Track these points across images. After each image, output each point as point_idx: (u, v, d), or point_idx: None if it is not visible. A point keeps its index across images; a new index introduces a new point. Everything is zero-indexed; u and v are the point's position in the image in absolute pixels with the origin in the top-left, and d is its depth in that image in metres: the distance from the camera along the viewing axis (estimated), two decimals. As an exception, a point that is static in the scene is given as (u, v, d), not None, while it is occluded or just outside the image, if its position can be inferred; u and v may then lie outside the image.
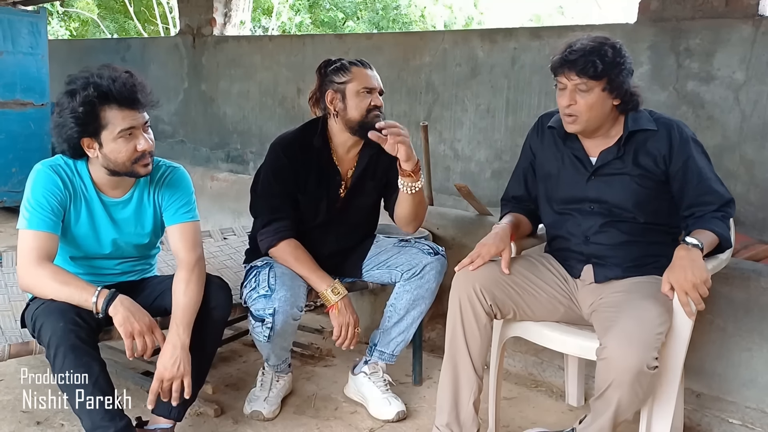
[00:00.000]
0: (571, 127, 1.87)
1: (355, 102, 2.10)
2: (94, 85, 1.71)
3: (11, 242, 4.24)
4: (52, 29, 15.11)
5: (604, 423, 1.68)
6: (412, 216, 2.20)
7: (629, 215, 1.88)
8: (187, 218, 1.95)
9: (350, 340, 2.10)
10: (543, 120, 2.06)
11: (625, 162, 1.87)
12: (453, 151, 4.30)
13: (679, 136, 1.85)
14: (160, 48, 6.42)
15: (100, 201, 1.89)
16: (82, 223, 1.88)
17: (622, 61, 1.80)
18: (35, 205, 1.79)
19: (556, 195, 1.98)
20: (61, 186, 1.83)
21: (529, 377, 2.57)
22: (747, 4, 3.09)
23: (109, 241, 1.93)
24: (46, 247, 1.77)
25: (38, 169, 1.84)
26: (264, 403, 2.20)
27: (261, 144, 5.52)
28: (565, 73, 1.80)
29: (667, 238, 1.91)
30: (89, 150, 1.78)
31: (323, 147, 2.18)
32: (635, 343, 1.61)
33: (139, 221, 1.95)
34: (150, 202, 1.95)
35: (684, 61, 3.29)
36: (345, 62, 2.14)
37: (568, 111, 1.83)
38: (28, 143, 4.93)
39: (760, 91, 3.08)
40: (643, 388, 1.62)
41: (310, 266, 2.10)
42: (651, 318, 1.67)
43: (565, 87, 1.82)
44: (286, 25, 15.72)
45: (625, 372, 1.59)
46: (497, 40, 4.03)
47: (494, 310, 1.86)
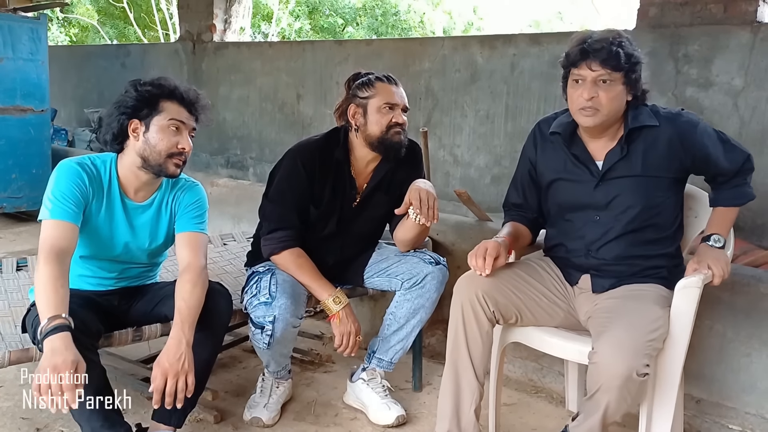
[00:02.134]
0: (589, 120, 1.79)
1: (376, 118, 2.09)
2: (163, 80, 1.88)
3: (11, 248, 4.24)
4: (52, 35, 15.14)
5: (593, 424, 1.68)
6: (412, 242, 2.23)
7: (634, 226, 1.85)
8: (198, 228, 1.97)
9: (351, 348, 2.10)
10: (541, 127, 2.02)
11: (632, 162, 1.83)
12: (452, 156, 4.31)
13: (685, 126, 1.82)
14: (160, 54, 6.44)
15: (121, 202, 1.91)
16: (101, 221, 1.89)
17: (637, 55, 1.78)
18: (59, 196, 1.79)
19: (561, 202, 1.96)
20: (87, 181, 1.84)
21: (530, 383, 2.57)
22: (745, 10, 3.10)
23: (122, 243, 1.94)
24: (65, 236, 1.76)
25: (64, 163, 1.85)
26: (264, 409, 2.20)
27: (260, 149, 5.53)
28: (587, 62, 1.75)
29: (669, 249, 1.90)
30: (133, 134, 1.85)
31: (344, 160, 2.17)
32: (625, 350, 1.61)
33: (154, 229, 1.97)
34: (167, 210, 1.98)
35: (683, 67, 3.30)
36: (371, 77, 2.13)
37: (590, 103, 1.76)
38: (28, 149, 4.93)
39: (758, 97, 3.09)
40: (631, 394, 1.62)
41: (312, 275, 2.09)
42: (643, 324, 1.68)
43: (584, 79, 1.77)
44: (285, 31, 15.76)
45: (613, 378, 1.60)
46: (496, 46, 4.04)
47: (497, 316, 1.86)
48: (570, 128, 1.91)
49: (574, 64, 1.79)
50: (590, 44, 1.75)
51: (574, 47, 1.78)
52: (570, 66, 1.81)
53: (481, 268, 1.80)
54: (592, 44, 1.75)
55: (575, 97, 1.80)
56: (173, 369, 1.71)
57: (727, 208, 1.90)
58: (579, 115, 1.81)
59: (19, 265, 2.47)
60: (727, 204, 1.89)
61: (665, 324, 1.72)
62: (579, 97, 1.78)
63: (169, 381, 1.71)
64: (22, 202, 4.98)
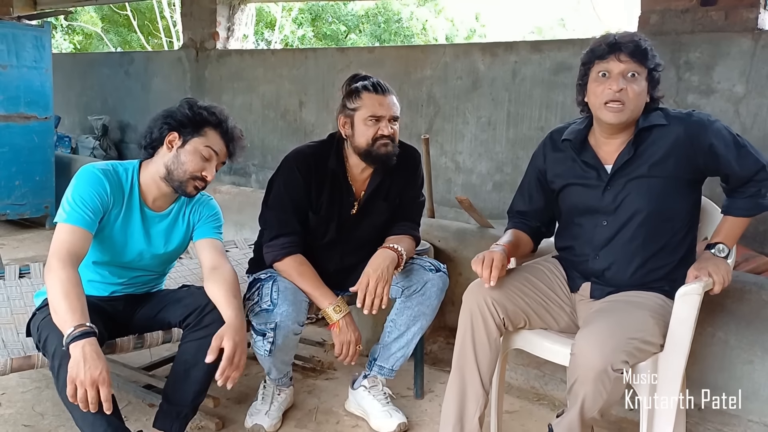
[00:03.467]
0: (614, 117, 1.76)
1: (362, 130, 2.08)
2: (219, 112, 1.96)
3: (14, 255, 4.25)
4: (56, 43, 15.22)
5: (572, 417, 1.68)
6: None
7: (642, 233, 1.84)
8: (217, 235, 2.03)
9: (351, 357, 2.09)
10: (553, 136, 2.02)
11: (639, 163, 1.82)
12: (454, 163, 4.32)
13: (694, 125, 1.80)
14: (164, 61, 6.46)
15: (140, 210, 1.93)
16: (117, 228, 1.91)
17: (658, 56, 1.80)
18: (78, 201, 1.81)
19: (571, 205, 1.96)
20: (108, 189, 1.86)
21: (532, 390, 2.56)
22: (746, 17, 3.11)
23: (136, 251, 1.96)
24: (78, 243, 1.78)
25: (87, 168, 1.87)
26: (265, 416, 2.20)
27: (263, 156, 5.54)
28: (617, 55, 1.75)
29: (674, 257, 1.87)
30: (168, 144, 1.90)
31: (338, 168, 2.16)
32: (603, 344, 1.61)
33: (169, 237, 2.00)
34: (184, 221, 2.02)
35: (684, 74, 3.30)
36: (359, 86, 2.10)
37: (618, 96, 1.74)
38: (32, 156, 4.95)
39: (760, 104, 3.09)
40: (606, 389, 1.61)
41: (313, 283, 2.09)
42: (629, 323, 1.69)
43: (610, 72, 1.76)
44: (288, 38, 15.81)
45: (588, 370, 1.60)
46: (498, 54, 4.05)
47: (506, 323, 1.86)
48: (581, 136, 1.91)
49: (601, 57, 1.78)
50: (619, 38, 1.77)
51: (601, 42, 1.79)
52: (596, 59, 1.80)
53: (487, 279, 1.80)
54: (621, 38, 1.77)
55: (600, 91, 1.78)
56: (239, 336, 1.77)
57: (738, 218, 1.87)
58: (604, 111, 1.78)
59: (21, 272, 2.48)
60: (740, 214, 1.86)
61: (653, 332, 1.71)
62: (606, 89, 1.76)
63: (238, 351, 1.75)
64: (26, 209, 5.00)
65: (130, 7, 15.49)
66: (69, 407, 1.68)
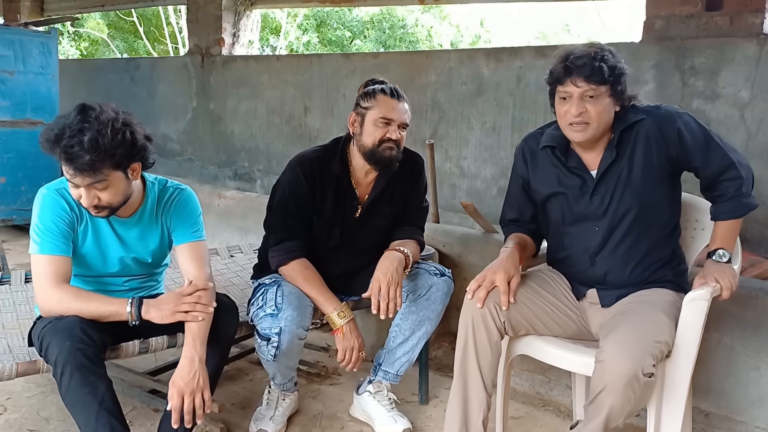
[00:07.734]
0: (580, 135, 1.81)
1: (371, 130, 2.09)
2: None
3: (20, 260, 4.26)
4: (62, 49, 15.30)
5: (594, 427, 1.66)
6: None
7: (633, 232, 1.86)
8: (195, 238, 1.98)
9: (354, 363, 2.09)
10: (529, 143, 2.02)
11: (621, 163, 1.84)
12: (459, 168, 4.31)
13: (662, 117, 1.82)
14: (169, 67, 6.48)
15: (107, 220, 1.91)
16: (89, 243, 1.91)
17: (621, 66, 1.80)
18: (45, 230, 1.82)
19: (559, 217, 1.96)
20: (68, 208, 1.85)
21: (537, 396, 2.56)
22: (751, 23, 3.10)
23: (116, 259, 1.95)
24: (61, 270, 1.80)
25: (43, 193, 1.87)
26: (270, 421, 2.20)
27: (268, 162, 5.55)
28: (572, 79, 1.76)
29: (668, 249, 1.90)
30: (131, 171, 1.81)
31: (342, 172, 2.17)
32: (631, 348, 1.61)
33: (144, 240, 1.97)
34: (157, 223, 1.98)
35: (689, 79, 3.30)
36: (376, 88, 2.13)
37: (580, 119, 1.78)
38: (38, 162, 4.96)
39: (765, 109, 3.08)
40: (636, 395, 1.61)
41: (318, 287, 2.09)
42: (651, 326, 1.68)
43: (570, 95, 1.78)
44: (293, 44, 15.85)
45: (619, 376, 1.59)
46: (502, 59, 4.05)
47: (507, 327, 1.86)
48: (564, 141, 1.92)
49: (559, 81, 1.80)
50: (573, 61, 1.76)
51: (558, 65, 1.80)
52: (555, 83, 1.82)
53: (480, 300, 1.83)
54: (575, 61, 1.76)
55: (564, 113, 1.81)
56: (189, 387, 1.74)
57: (727, 221, 1.87)
58: (569, 131, 1.83)
59: (27, 277, 2.48)
60: (727, 217, 1.87)
61: (671, 334, 1.72)
62: (567, 113, 1.80)
63: (186, 399, 1.74)
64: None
65: (137, 14, 15.55)
66: (74, 413, 1.68)
